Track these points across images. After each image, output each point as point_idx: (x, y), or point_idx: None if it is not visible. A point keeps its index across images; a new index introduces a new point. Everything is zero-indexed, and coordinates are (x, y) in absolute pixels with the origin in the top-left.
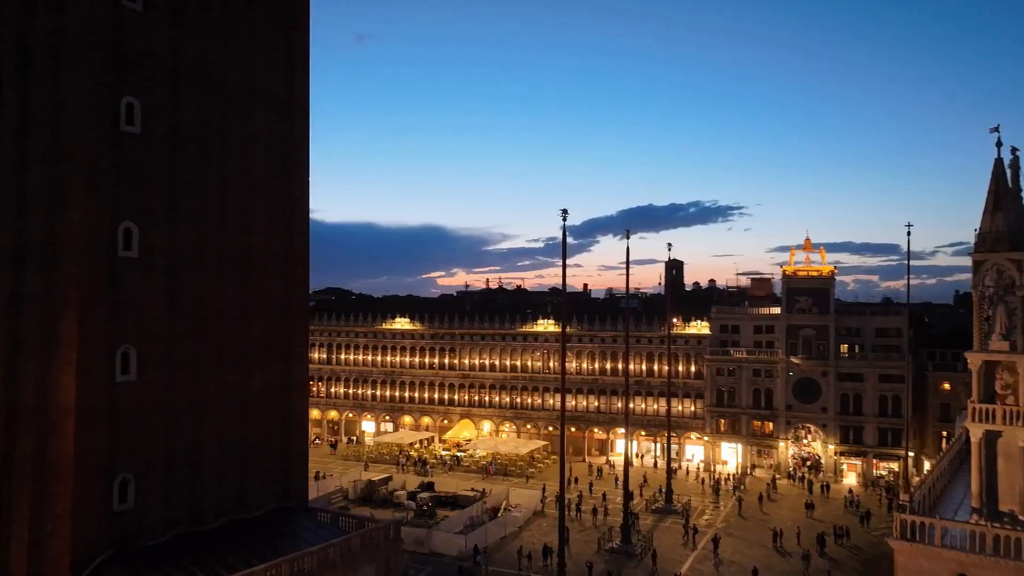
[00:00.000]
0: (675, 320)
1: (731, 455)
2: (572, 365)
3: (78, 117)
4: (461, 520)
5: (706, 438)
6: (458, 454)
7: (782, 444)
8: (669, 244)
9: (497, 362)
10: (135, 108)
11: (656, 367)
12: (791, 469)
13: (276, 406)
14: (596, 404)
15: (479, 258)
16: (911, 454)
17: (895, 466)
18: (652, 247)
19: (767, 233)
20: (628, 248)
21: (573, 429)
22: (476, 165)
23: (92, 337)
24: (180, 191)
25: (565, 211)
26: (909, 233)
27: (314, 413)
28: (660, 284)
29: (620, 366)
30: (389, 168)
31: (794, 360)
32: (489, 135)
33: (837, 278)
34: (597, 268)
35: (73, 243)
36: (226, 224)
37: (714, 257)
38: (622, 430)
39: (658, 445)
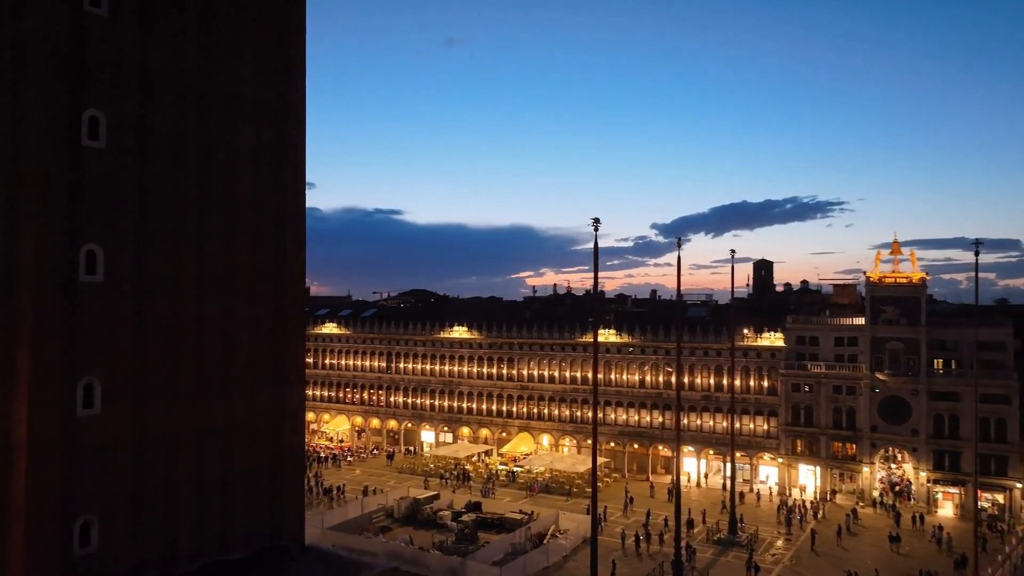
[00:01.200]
0: (746, 330)
1: (809, 479)
2: (635, 378)
3: (33, 133)
4: (502, 547)
5: (780, 460)
6: (514, 469)
7: (866, 469)
8: (732, 251)
9: (556, 373)
10: (99, 121)
11: (726, 380)
12: (877, 496)
13: (265, 437)
14: (661, 420)
15: (568, 258)
16: (1019, 485)
17: (1000, 498)
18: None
19: (870, 229)
20: (679, 258)
21: (636, 446)
22: (566, 164)
23: (47, 369)
24: (152, 209)
25: (596, 220)
26: None
27: (373, 422)
28: (748, 285)
29: (687, 379)
30: (479, 169)
31: (880, 376)
32: (578, 134)
33: (946, 276)
34: (688, 267)
35: (26, 268)
36: (206, 243)
37: (812, 255)
38: (690, 448)
39: (729, 465)
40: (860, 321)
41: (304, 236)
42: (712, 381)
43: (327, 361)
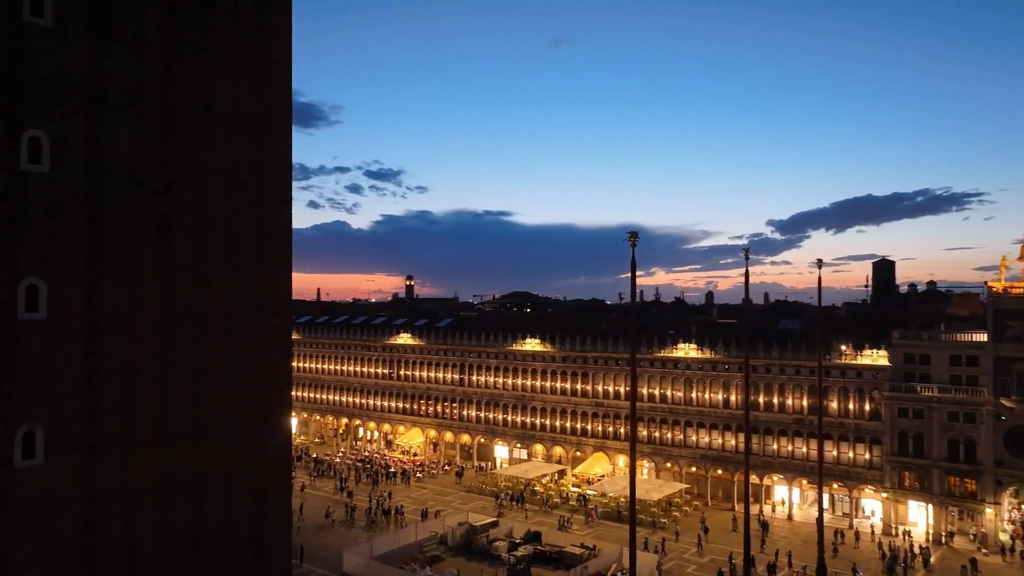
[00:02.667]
0: (844, 347)
1: (920, 516)
2: (719, 397)
3: None
4: None
5: (885, 494)
6: (586, 493)
7: (990, 509)
8: (819, 261)
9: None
10: (42, 142)
11: (824, 403)
12: (1006, 541)
13: (244, 485)
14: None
15: (678, 257)
16: None
17: None
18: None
19: (1014, 221)
20: (747, 274)
21: (720, 471)
22: (675, 162)
23: None
24: (106, 238)
25: (634, 234)
26: None
27: (447, 436)
28: (867, 286)
29: (777, 400)
30: (587, 169)
31: (1005, 403)
32: (688, 131)
33: None
34: (808, 265)
35: None
36: (172, 272)
37: (945, 252)
38: (779, 476)
39: (829, 497)
40: (981, 337)
41: (290, 260)
42: (805, 403)
43: (402, 372)
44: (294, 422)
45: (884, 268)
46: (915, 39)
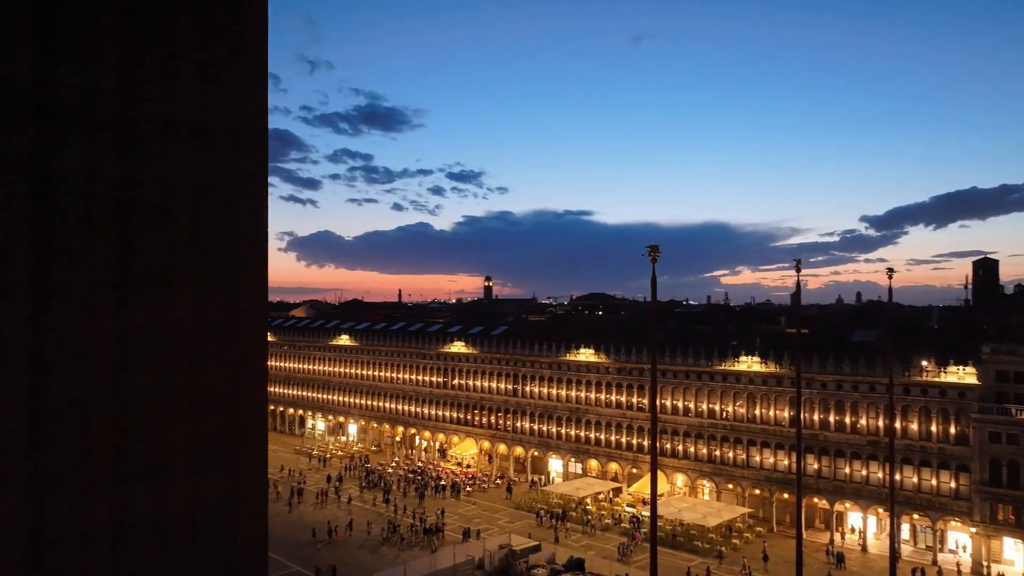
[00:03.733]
0: (925, 362)
1: (1017, 555)
2: (785, 414)
3: None
4: None
5: (974, 528)
6: (640, 515)
7: None
8: (890, 271)
9: (692, 405)
10: None
11: (902, 424)
12: None
13: (216, 529)
14: (816, 466)
15: (766, 255)
16: None
17: None
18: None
19: None
20: (799, 286)
21: (786, 495)
22: (762, 157)
23: None
24: (51, 262)
25: (654, 248)
26: None
27: (500, 448)
28: (967, 286)
29: (849, 419)
30: (670, 166)
31: None
32: (776, 124)
33: None
34: (905, 263)
35: None
36: (128, 299)
37: None
38: (850, 503)
39: (909, 528)
40: None
41: (265, 282)
42: (881, 423)
43: (456, 381)
44: (353, 428)
45: (985, 267)
46: (1019, 14)
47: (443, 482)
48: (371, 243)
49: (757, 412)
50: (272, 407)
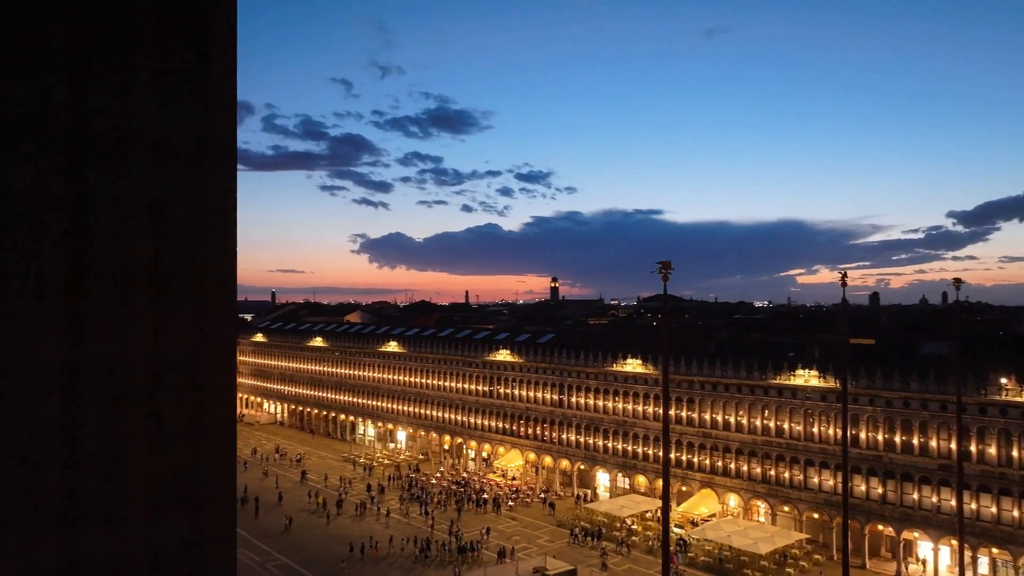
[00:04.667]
0: (1004, 379)
1: None
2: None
3: None
4: None
5: None
6: (688, 537)
7: None
8: (957, 281)
9: (745, 421)
10: None
11: (977, 447)
12: None
13: (178, 573)
14: (880, 490)
15: (844, 253)
16: None
17: None
18: None
19: None
20: (844, 296)
21: (848, 521)
22: (841, 151)
23: None
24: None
25: (665, 265)
26: None
27: (546, 460)
28: None
29: (917, 440)
30: (743, 163)
31: None
32: (854, 117)
33: None
34: (997, 260)
35: None
36: (84, 328)
37: None
38: (919, 532)
39: (988, 562)
40: None
41: (234, 307)
42: (954, 445)
43: (502, 390)
44: (402, 436)
45: None
46: None
47: (485, 495)
48: (441, 244)
49: (816, 430)
50: (324, 412)
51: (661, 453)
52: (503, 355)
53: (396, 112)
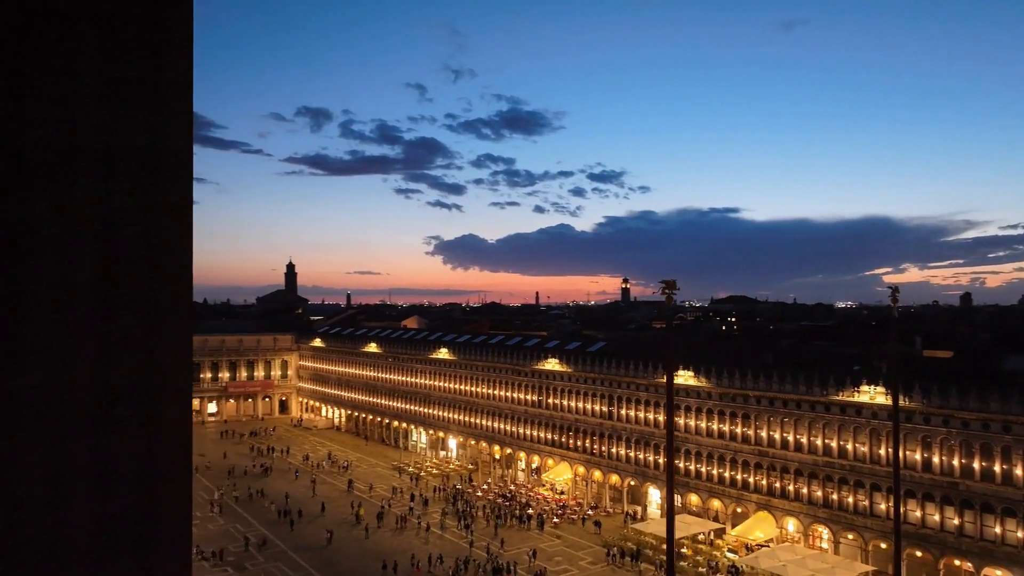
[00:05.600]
0: None
1: None
2: (917, 456)
3: None
4: None
5: None
6: (739, 565)
7: None
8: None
9: (805, 439)
10: None
11: None
12: None
13: None
14: (957, 521)
15: (935, 251)
16: None
17: None
18: None
19: None
20: (895, 318)
21: (919, 553)
22: (930, 144)
23: None
24: None
25: (669, 284)
26: None
27: (596, 474)
28: None
29: (999, 467)
30: (824, 157)
31: None
32: (945, 108)
33: None
34: None
35: None
36: (20, 358)
37: None
38: (1002, 571)
39: None
40: None
41: (190, 332)
42: None
43: (551, 401)
44: (453, 444)
45: None
46: None
47: (530, 510)
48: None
49: (883, 451)
50: (379, 418)
51: (715, 471)
52: (552, 364)
53: (469, 115)
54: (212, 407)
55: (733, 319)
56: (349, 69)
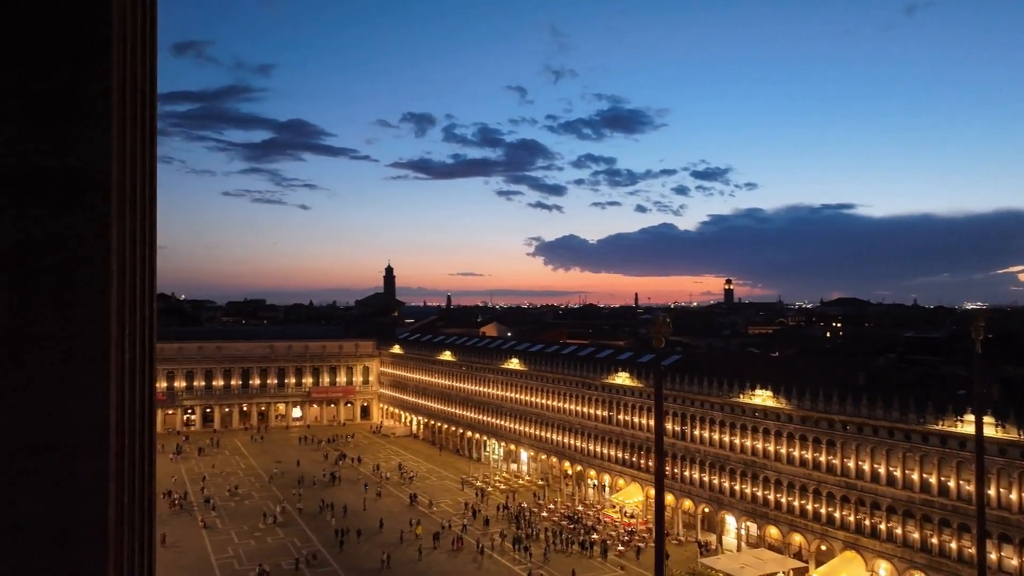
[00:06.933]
0: None
1: None
2: (1013, 496)
3: None
4: None
5: None
6: None
7: None
8: None
9: (899, 472)
10: None
11: None
12: None
13: None
14: None
15: None
16: None
17: None
18: None
19: None
20: (978, 353)
21: None
22: None
23: None
24: None
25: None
26: None
27: (668, 498)
28: None
29: None
30: (949, 147)
31: None
32: None
33: None
34: None
35: None
36: None
37: None
38: None
39: None
40: None
41: (107, 379)
42: None
43: (621, 417)
44: (524, 456)
45: None
46: None
47: (595, 535)
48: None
49: (993, 492)
50: (453, 428)
51: (797, 503)
52: (622, 378)
53: (569, 115)
54: (296, 412)
55: (839, 324)
56: (451, 74)
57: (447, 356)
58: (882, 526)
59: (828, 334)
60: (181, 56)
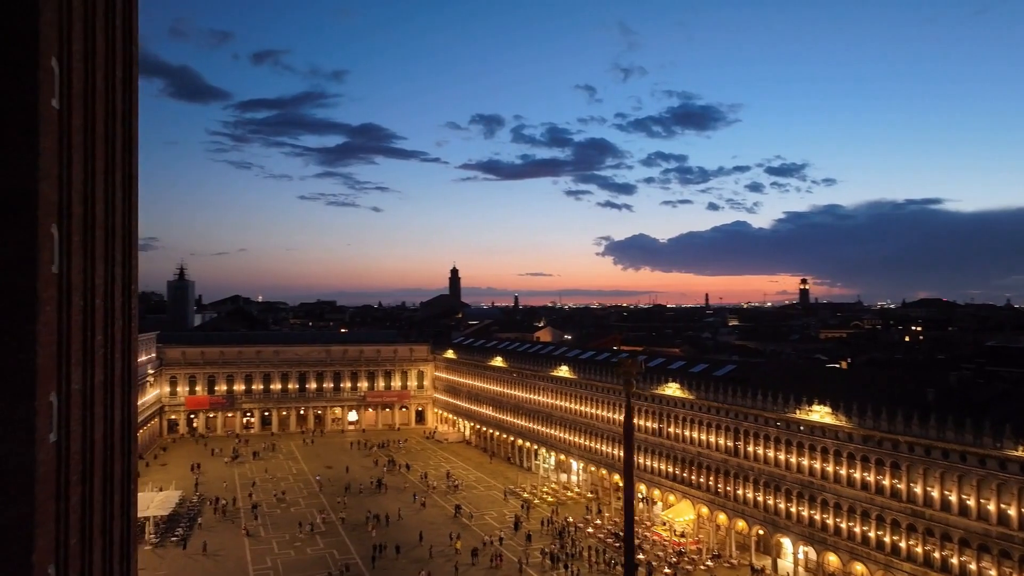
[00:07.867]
0: None
1: None
2: None
3: None
4: None
5: None
6: None
7: None
8: None
9: (972, 502)
10: None
11: None
12: None
13: None
14: None
15: None
16: None
17: None
18: None
19: None
20: None
21: None
22: None
23: None
24: None
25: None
26: None
27: (720, 517)
28: None
29: None
30: None
31: None
32: None
33: None
34: None
35: None
36: None
37: None
38: None
39: None
40: None
41: (32, 419)
42: None
43: (671, 430)
44: (575, 465)
45: None
46: None
47: (642, 555)
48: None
49: None
50: (504, 435)
51: (858, 529)
52: (672, 388)
53: (638, 113)
54: (352, 415)
55: (919, 328)
56: (520, 75)
57: (498, 362)
58: (954, 560)
59: (907, 338)
60: (259, 65)
